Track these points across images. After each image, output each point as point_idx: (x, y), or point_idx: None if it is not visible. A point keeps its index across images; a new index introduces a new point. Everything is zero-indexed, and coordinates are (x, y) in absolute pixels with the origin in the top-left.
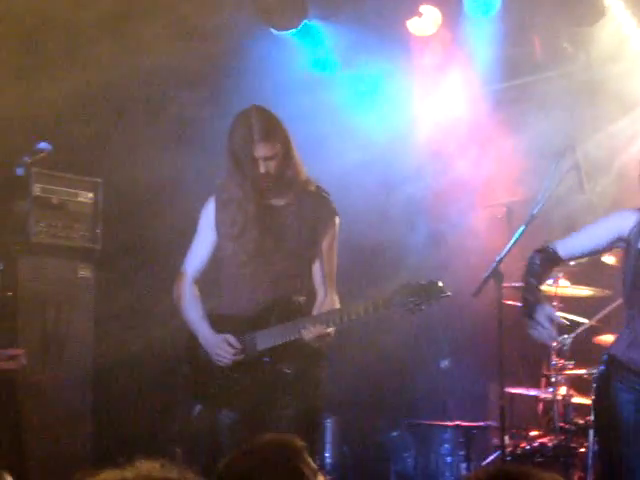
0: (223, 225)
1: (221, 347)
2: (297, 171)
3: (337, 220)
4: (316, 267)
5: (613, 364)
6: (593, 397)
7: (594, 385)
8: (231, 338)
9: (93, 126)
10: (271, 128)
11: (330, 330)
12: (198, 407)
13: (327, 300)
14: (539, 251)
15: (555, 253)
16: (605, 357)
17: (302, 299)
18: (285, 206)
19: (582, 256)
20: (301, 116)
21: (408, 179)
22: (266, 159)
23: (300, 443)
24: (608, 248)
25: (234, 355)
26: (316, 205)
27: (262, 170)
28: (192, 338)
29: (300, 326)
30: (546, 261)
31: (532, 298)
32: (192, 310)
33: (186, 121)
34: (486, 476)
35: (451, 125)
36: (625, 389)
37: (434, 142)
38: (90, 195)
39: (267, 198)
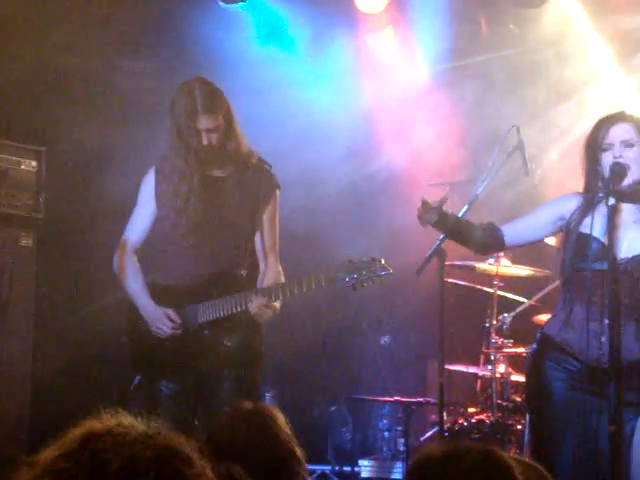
0: (165, 196)
1: (161, 320)
2: (239, 143)
3: (278, 192)
4: (257, 239)
5: (546, 343)
6: (525, 374)
7: (526, 362)
8: (171, 312)
9: (37, 95)
10: (214, 100)
11: (276, 303)
12: (137, 378)
13: (270, 272)
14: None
15: (500, 232)
16: (539, 336)
17: (244, 272)
18: (226, 178)
19: (525, 243)
20: (246, 91)
21: (351, 157)
22: (208, 131)
23: (279, 414)
24: (551, 233)
25: (173, 329)
26: (257, 177)
27: (205, 142)
28: (133, 309)
29: (245, 299)
30: (487, 230)
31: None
32: (132, 281)
33: (130, 92)
34: (436, 451)
35: (395, 104)
36: (556, 367)
37: (378, 120)
38: (34, 164)
39: (209, 170)
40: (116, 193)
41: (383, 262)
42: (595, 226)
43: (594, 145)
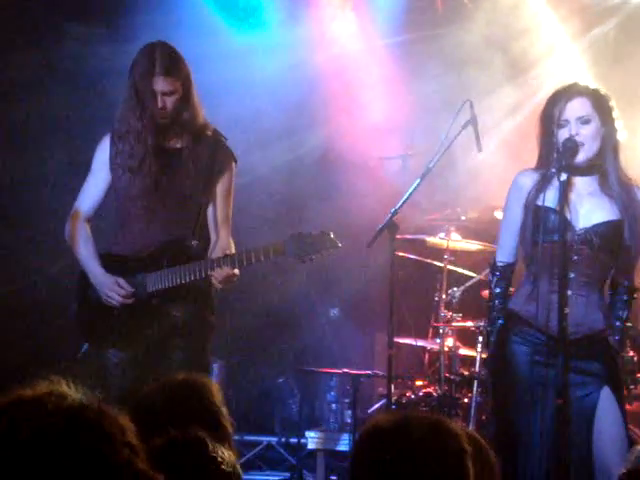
0: (121, 156)
1: (112, 288)
2: (195, 114)
3: (234, 165)
4: (210, 211)
5: (511, 318)
6: (490, 348)
7: (484, 337)
8: (121, 280)
9: None
10: (174, 64)
11: (237, 272)
12: (85, 346)
13: (221, 244)
14: (492, 273)
15: (506, 265)
16: (503, 312)
17: (195, 243)
18: (181, 149)
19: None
20: (200, 59)
21: (305, 129)
22: (164, 94)
23: (213, 384)
24: None
25: (124, 297)
26: (212, 149)
27: (159, 104)
28: (83, 277)
29: (196, 270)
30: (505, 276)
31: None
32: (83, 249)
33: (82, 57)
34: (386, 421)
35: (349, 76)
36: (521, 341)
37: (331, 93)
38: None
39: (164, 141)
40: (60, 160)
41: (332, 236)
42: (548, 198)
43: (549, 120)
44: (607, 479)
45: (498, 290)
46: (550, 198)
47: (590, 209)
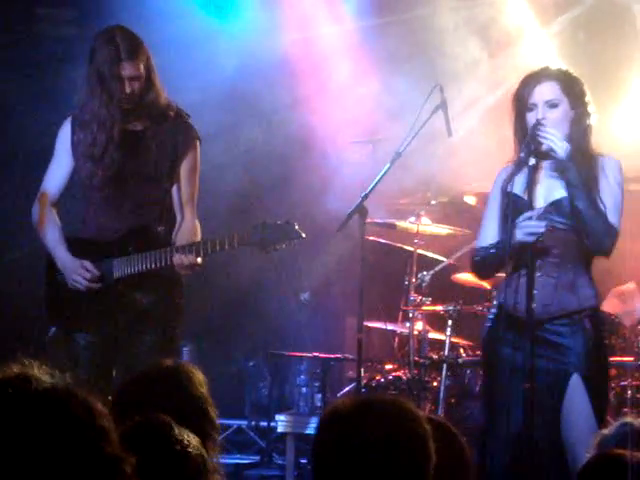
0: (83, 145)
1: (78, 272)
2: (157, 94)
3: (198, 143)
4: (174, 191)
5: (498, 307)
6: (483, 336)
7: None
8: (88, 264)
9: None
10: (136, 47)
11: (199, 260)
12: (52, 329)
13: (186, 225)
14: (476, 256)
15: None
16: (495, 302)
17: (161, 229)
18: (144, 131)
19: None
20: (168, 43)
21: (273, 114)
22: (131, 79)
23: (199, 373)
24: None
25: (90, 281)
26: (176, 129)
27: (127, 90)
28: (50, 261)
29: (162, 257)
30: None
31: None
32: (49, 233)
33: (51, 40)
34: (346, 405)
35: (318, 60)
36: (504, 329)
37: (301, 76)
38: None
39: (127, 123)
40: (27, 141)
41: (296, 227)
42: (516, 184)
43: (520, 104)
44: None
45: (488, 247)
46: (517, 184)
47: (548, 188)
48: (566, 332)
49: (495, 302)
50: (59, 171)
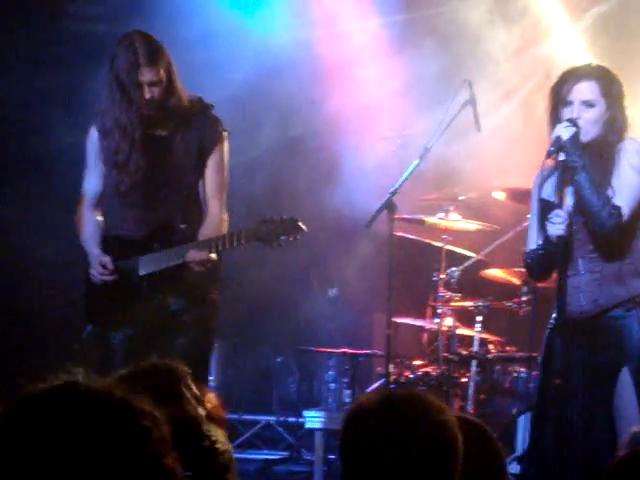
0: (106, 152)
1: (93, 266)
2: (180, 98)
3: (225, 134)
4: (201, 185)
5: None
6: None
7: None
8: (106, 259)
9: None
10: (156, 53)
11: (213, 256)
12: (89, 327)
13: (210, 219)
14: (527, 259)
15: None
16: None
17: (185, 226)
18: (169, 136)
19: None
20: (196, 38)
21: (300, 108)
22: (151, 84)
23: (183, 368)
24: None
25: (103, 275)
26: (201, 126)
27: (147, 96)
28: (86, 260)
29: (181, 252)
30: None
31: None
32: (85, 231)
33: (81, 36)
34: (371, 401)
35: (347, 55)
36: (558, 329)
37: (329, 72)
38: None
39: (151, 128)
40: (62, 138)
41: (300, 223)
42: (545, 190)
43: (557, 98)
44: None
45: (540, 251)
46: (545, 190)
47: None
48: (619, 321)
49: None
50: (93, 176)
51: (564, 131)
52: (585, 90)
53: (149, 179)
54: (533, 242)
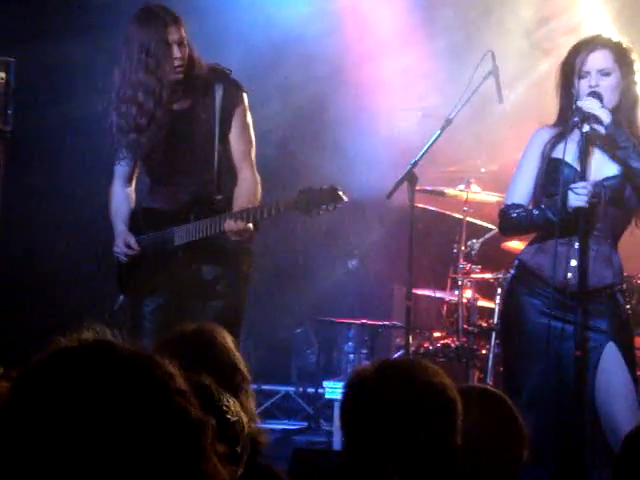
0: (125, 118)
1: (117, 243)
2: (200, 67)
3: (245, 96)
4: (230, 149)
5: (521, 269)
6: (500, 301)
7: (503, 289)
8: (132, 240)
9: (7, 5)
10: (177, 15)
11: (250, 225)
12: (121, 298)
13: (245, 184)
14: (505, 211)
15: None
16: (516, 262)
17: (220, 197)
18: (191, 108)
19: (534, 193)
20: (216, 6)
21: (321, 80)
22: (179, 44)
23: (223, 332)
24: None
25: (127, 254)
26: (221, 93)
27: (177, 54)
28: None
29: (217, 222)
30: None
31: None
32: (112, 208)
33: (98, 6)
34: (367, 370)
35: (370, 26)
36: (530, 293)
37: (353, 41)
38: (2, 75)
39: (173, 102)
40: (86, 109)
41: (340, 192)
42: (568, 151)
43: (570, 70)
44: (615, 435)
45: (522, 209)
46: (568, 150)
47: (600, 162)
48: (603, 304)
49: (517, 262)
50: (124, 159)
51: (591, 103)
52: (600, 59)
53: (176, 152)
54: (522, 196)
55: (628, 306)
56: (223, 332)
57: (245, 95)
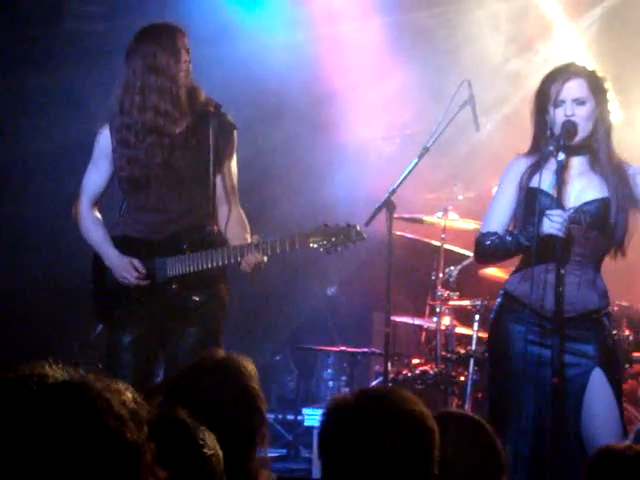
0: (123, 146)
1: (126, 269)
2: (198, 91)
3: (235, 133)
4: (219, 183)
5: (506, 298)
6: (488, 330)
7: (481, 316)
8: (136, 261)
9: None
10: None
11: (265, 259)
12: (100, 327)
13: (235, 217)
14: (480, 238)
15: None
16: (501, 292)
17: (216, 228)
18: (187, 131)
19: (509, 224)
20: (196, 39)
21: (300, 108)
22: (187, 51)
23: (250, 365)
24: None
25: (138, 278)
26: (216, 124)
27: (186, 58)
28: (97, 259)
29: (228, 254)
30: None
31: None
32: (93, 233)
33: (78, 35)
34: (345, 398)
35: (346, 55)
36: (516, 321)
37: (329, 72)
38: None
39: (169, 129)
40: (56, 136)
41: (358, 229)
42: (544, 181)
43: (545, 99)
44: None
45: (496, 236)
46: (543, 180)
47: (581, 188)
48: (589, 329)
49: (502, 292)
50: (98, 175)
51: (565, 130)
52: (576, 88)
53: (173, 175)
54: (498, 224)
55: (615, 331)
56: (248, 364)
57: (235, 133)
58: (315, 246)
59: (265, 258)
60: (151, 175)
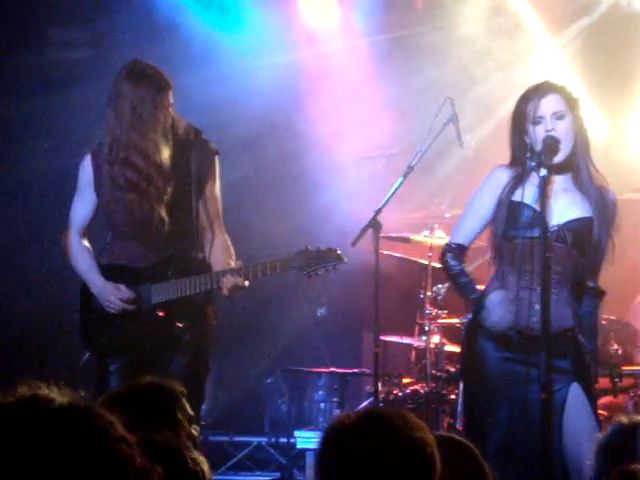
0: (106, 178)
1: (111, 294)
2: (179, 122)
3: (217, 159)
4: (201, 210)
5: (480, 314)
6: (461, 346)
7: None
8: (122, 287)
9: None
10: (168, 81)
11: (247, 283)
12: (86, 355)
13: (219, 243)
14: (447, 251)
15: (461, 246)
16: (473, 307)
17: (201, 255)
18: (171, 165)
19: (481, 233)
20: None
21: (285, 128)
22: (168, 108)
23: (179, 388)
24: None
25: (124, 303)
26: (197, 152)
27: (168, 119)
28: (84, 288)
29: (209, 280)
30: (460, 257)
31: (474, 295)
32: (80, 261)
33: (63, 62)
34: (347, 420)
35: (330, 75)
36: (489, 338)
37: (312, 91)
38: None
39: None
40: (39, 165)
41: (339, 252)
42: (527, 195)
43: (523, 118)
44: (580, 476)
45: (458, 268)
46: (526, 194)
47: (564, 205)
48: (566, 344)
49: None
50: (84, 205)
51: (547, 146)
52: (553, 102)
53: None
54: (465, 237)
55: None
56: (176, 389)
57: (217, 157)
58: (297, 270)
59: (247, 282)
60: (148, 206)
